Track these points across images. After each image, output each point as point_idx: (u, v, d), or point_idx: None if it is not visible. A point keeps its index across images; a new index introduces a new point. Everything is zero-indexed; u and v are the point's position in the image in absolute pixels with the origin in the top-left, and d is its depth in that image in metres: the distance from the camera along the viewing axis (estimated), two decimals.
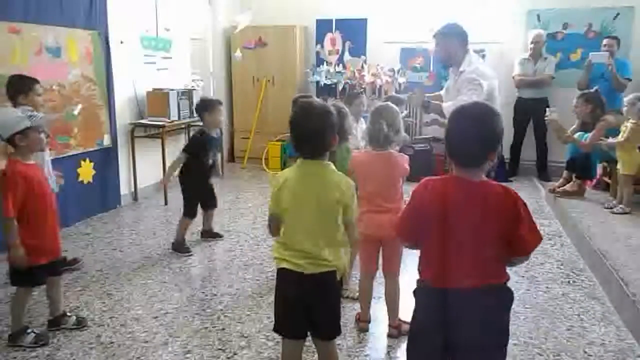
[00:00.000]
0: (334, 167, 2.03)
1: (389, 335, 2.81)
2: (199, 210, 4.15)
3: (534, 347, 2.73)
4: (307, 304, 2.03)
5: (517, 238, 1.70)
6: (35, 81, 3.33)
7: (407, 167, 2.70)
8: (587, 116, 4.86)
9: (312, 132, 1.94)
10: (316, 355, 2.26)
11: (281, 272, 2.04)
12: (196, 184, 4.01)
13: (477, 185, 1.72)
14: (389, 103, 2.84)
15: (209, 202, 4.21)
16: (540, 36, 6.08)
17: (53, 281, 2.83)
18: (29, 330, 2.74)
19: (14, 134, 2.53)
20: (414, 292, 1.89)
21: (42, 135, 2.66)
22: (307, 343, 2.19)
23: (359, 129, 3.97)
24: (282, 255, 2.02)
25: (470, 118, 1.74)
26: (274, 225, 2.08)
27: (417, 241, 1.85)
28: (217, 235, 4.30)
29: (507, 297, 1.79)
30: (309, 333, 2.12)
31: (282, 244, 2.05)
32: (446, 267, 1.73)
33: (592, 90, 5.07)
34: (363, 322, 2.89)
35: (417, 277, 1.88)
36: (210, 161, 4.07)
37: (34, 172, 2.66)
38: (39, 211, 2.63)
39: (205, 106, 4.01)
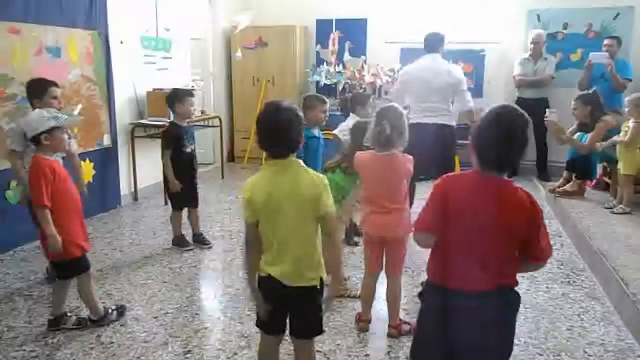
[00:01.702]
0: (302, 163, 2.02)
1: (389, 335, 2.81)
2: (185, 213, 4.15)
3: (534, 347, 2.73)
4: (288, 306, 2.06)
5: (536, 246, 1.71)
6: (51, 84, 3.35)
7: (411, 168, 2.69)
8: (586, 117, 4.86)
9: (281, 128, 1.93)
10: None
11: (264, 277, 2.03)
12: (178, 176, 3.91)
13: (501, 186, 1.72)
14: (393, 104, 2.83)
15: (190, 200, 4.09)
16: (540, 36, 6.08)
17: (65, 282, 2.86)
18: (110, 310, 2.95)
19: (40, 133, 2.62)
20: (420, 293, 1.89)
21: (65, 136, 2.75)
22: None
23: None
24: (265, 264, 2.02)
25: (508, 127, 1.73)
26: (252, 241, 2.03)
27: (437, 234, 1.82)
28: (204, 242, 4.15)
29: (516, 301, 1.80)
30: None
31: (264, 252, 2.03)
32: (461, 267, 1.73)
33: (590, 92, 5.06)
34: (363, 322, 2.89)
35: (423, 279, 1.88)
36: (189, 150, 3.98)
37: (57, 168, 2.72)
38: (62, 207, 2.68)
39: (177, 97, 3.93)
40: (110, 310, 2.93)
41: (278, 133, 1.94)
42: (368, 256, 2.87)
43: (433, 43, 4.50)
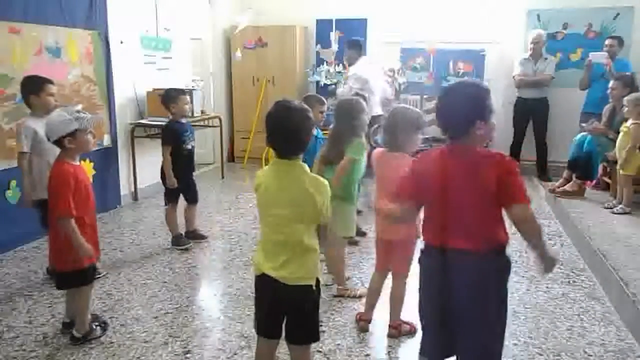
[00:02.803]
0: (307, 168, 2.03)
1: (389, 336, 2.81)
2: (180, 212, 4.18)
3: (534, 347, 2.73)
4: (283, 308, 2.05)
5: (513, 196, 1.77)
6: (47, 81, 3.31)
7: None
8: (621, 100, 4.86)
9: (291, 130, 1.95)
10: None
11: (260, 276, 2.05)
12: (177, 172, 3.96)
13: (466, 150, 1.84)
14: (405, 105, 2.84)
15: (190, 195, 4.16)
16: (540, 36, 6.08)
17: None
18: (94, 326, 2.79)
19: (63, 136, 2.52)
20: (419, 259, 2.02)
21: (89, 136, 2.63)
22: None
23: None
24: (260, 263, 2.04)
25: (454, 91, 1.91)
26: None
27: (416, 203, 1.98)
28: (201, 237, 4.22)
29: (506, 265, 1.88)
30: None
31: (261, 250, 2.06)
32: (442, 229, 1.87)
33: (628, 74, 5.07)
34: (364, 322, 2.89)
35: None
36: (189, 146, 4.05)
37: (82, 174, 2.64)
38: (85, 214, 2.60)
39: (171, 97, 4.02)
40: (94, 326, 2.79)
41: (287, 134, 1.95)
42: (377, 255, 2.90)
43: (361, 47, 5.43)
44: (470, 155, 1.83)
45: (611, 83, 4.99)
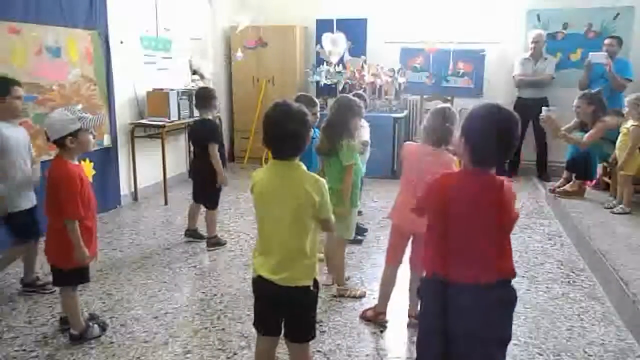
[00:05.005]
0: (304, 168, 2.02)
1: (409, 326, 2.83)
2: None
3: (534, 347, 2.73)
4: (280, 308, 2.05)
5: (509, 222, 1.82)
6: (13, 83, 3.12)
7: (454, 167, 2.66)
8: (588, 116, 4.84)
9: (289, 134, 1.93)
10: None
11: (257, 278, 2.05)
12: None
13: (487, 180, 1.78)
14: (449, 106, 2.84)
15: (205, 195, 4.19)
16: (540, 36, 6.08)
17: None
18: (91, 324, 2.78)
19: (65, 135, 2.50)
20: (421, 287, 1.96)
21: (91, 137, 2.61)
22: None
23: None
24: (258, 264, 2.04)
25: (498, 127, 1.74)
26: None
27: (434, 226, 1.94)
28: (200, 237, 4.22)
29: (513, 297, 1.82)
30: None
31: (258, 252, 2.07)
32: (459, 261, 1.78)
33: (594, 91, 5.06)
34: (382, 315, 2.88)
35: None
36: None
37: (84, 174, 2.63)
38: (86, 214, 2.59)
39: (214, 94, 4.12)
40: (90, 324, 2.78)
41: (285, 138, 1.95)
42: (391, 247, 2.86)
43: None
44: (490, 184, 1.77)
45: (575, 101, 4.98)
